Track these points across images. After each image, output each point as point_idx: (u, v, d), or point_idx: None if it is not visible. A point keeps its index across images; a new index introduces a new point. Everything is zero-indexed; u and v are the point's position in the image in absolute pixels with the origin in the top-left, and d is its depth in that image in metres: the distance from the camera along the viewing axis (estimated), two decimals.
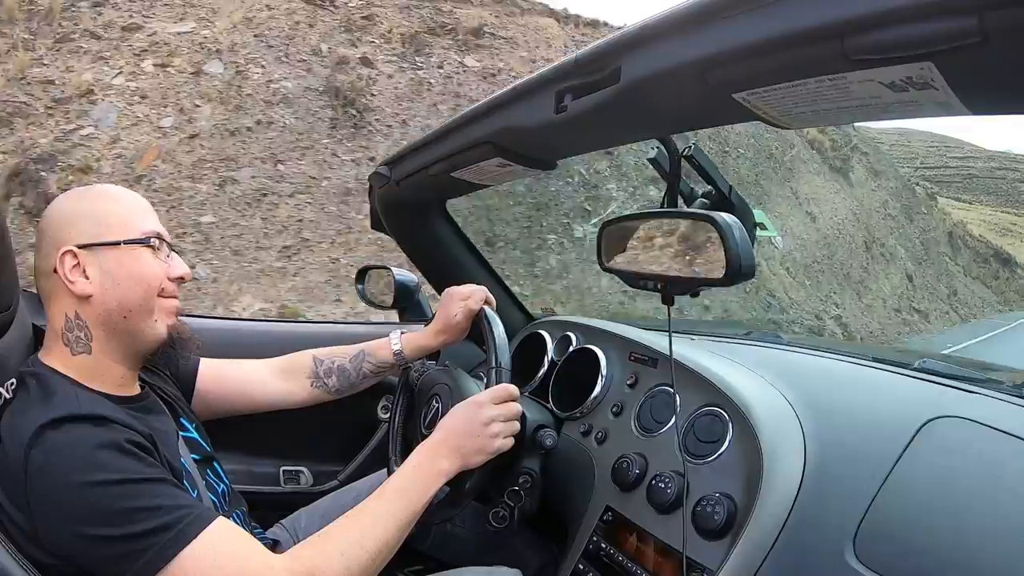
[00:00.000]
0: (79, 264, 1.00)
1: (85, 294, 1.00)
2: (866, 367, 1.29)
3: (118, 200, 1.06)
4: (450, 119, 1.24)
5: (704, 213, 0.91)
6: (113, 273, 1.01)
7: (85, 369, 1.01)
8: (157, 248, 1.07)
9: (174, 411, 1.18)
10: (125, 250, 1.03)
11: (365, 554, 0.95)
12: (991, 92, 0.61)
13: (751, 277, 0.88)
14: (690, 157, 1.08)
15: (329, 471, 1.91)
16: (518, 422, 1.17)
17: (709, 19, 0.67)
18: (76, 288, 0.99)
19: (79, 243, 1.00)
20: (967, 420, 0.99)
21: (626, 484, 1.21)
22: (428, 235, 1.85)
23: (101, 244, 1.01)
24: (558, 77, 0.92)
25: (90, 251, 1.00)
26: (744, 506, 1.01)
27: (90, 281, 1.00)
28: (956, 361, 1.29)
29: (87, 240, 1.01)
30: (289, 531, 1.45)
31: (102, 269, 1.01)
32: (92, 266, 1.00)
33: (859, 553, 0.89)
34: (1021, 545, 0.81)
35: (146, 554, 0.83)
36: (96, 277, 1.01)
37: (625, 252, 1.05)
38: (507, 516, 1.31)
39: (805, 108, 0.72)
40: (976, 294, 26.12)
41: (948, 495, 0.91)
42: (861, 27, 0.55)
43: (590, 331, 1.66)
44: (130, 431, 0.92)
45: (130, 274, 1.03)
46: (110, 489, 0.85)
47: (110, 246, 1.02)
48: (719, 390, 1.19)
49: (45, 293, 1.03)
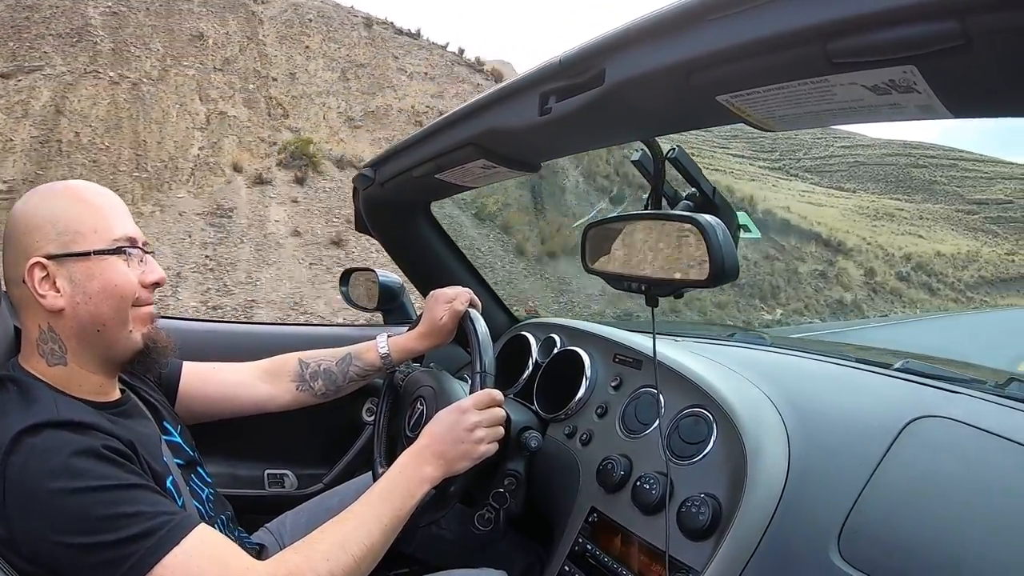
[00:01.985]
0: (49, 275, 0.97)
1: (56, 308, 0.97)
2: (849, 367, 1.29)
3: (87, 200, 1.02)
4: (435, 121, 1.24)
5: (688, 215, 0.91)
6: (84, 286, 0.98)
7: (62, 378, 0.99)
8: (129, 255, 1.03)
9: (157, 415, 1.17)
10: (96, 260, 0.99)
11: (350, 559, 0.95)
12: (973, 95, 0.61)
13: (735, 278, 0.88)
14: (674, 159, 1.08)
15: (314, 474, 1.90)
16: (502, 427, 1.17)
17: (693, 22, 0.67)
18: (47, 303, 0.97)
19: (47, 253, 0.97)
20: (950, 420, 1.00)
21: (611, 485, 1.21)
22: (412, 237, 1.85)
23: (71, 255, 0.98)
24: (542, 79, 0.92)
25: (59, 263, 0.97)
26: (729, 506, 1.01)
27: (60, 294, 0.97)
28: (939, 361, 1.30)
29: (55, 250, 0.97)
30: (274, 535, 1.44)
31: (72, 281, 0.98)
32: (62, 278, 0.97)
33: (844, 552, 0.89)
34: (1004, 543, 0.82)
35: (127, 561, 0.82)
36: (67, 289, 0.98)
37: (609, 254, 1.05)
38: (492, 518, 1.31)
39: (788, 111, 0.72)
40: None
41: (932, 494, 0.91)
42: (844, 30, 0.56)
43: (574, 333, 1.66)
44: (110, 437, 0.90)
45: (102, 287, 1.00)
46: (89, 496, 0.83)
47: (80, 257, 0.99)
48: (703, 391, 1.19)
49: (16, 302, 1.01)
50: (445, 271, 1.91)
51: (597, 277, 1.08)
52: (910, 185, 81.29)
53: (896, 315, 29.01)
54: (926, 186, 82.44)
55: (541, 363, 1.66)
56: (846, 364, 1.32)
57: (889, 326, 22.27)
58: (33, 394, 0.93)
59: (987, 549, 0.82)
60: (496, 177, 1.32)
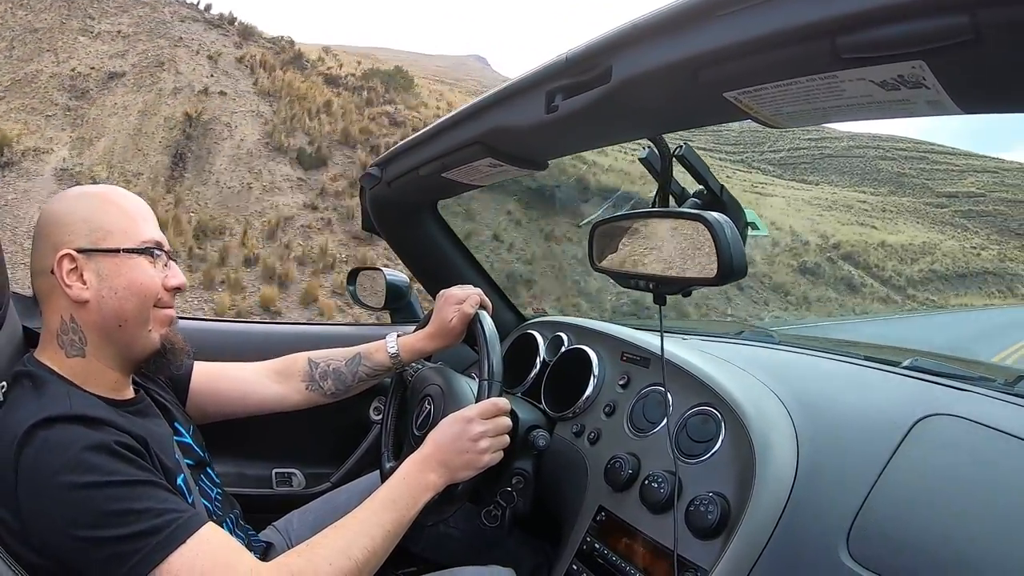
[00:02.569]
0: (77, 268, 1.00)
1: (81, 299, 1.00)
2: (858, 366, 1.29)
3: (119, 204, 1.06)
4: (441, 119, 1.24)
5: (696, 212, 0.91)
6: (110, 281, 1.01)
7: (79, 371, 1.01)
8: (155, 257, 1.07)
9: (169, 416, 1.18)
10: (124, 258, 1.03)
11: (352, 564, 0.96)
12: (983, 90, 0.60)
13: (743, 276, 0.88)
14: (681, 156, 1.08)
15: (321, 473, 1.91)
16: (508, 436, 1.18)
17: (701, 18, 0.67)
18: (73, 293, 0.99)
19: (78, 247, 1.00)
20: (959, 418, 0.99)
21: (619, 484, 1.21)
22: (419, 236, 1.85)
23: (100, 250, 1.01)
24: (549, 77, 0.92)
25: (88, 256, 1.00)
26: (737, 505, 1.01)
27: (87, 287, 1.00)
28: (948, 359, 1.29)
29: (86, 244, 1.00)
30: (282, 533, 1.45)
31: (100, 275, 1.01)
32: (90, 271, 1.00)
33: (853, 551, 0.89)
34: (1013, 541, 0.81)
35: (134, 557, 0.83)
36: (93, 283, 1.00)
37: (617, 252, 1.05)
38: (499, 516, 1.30)
39: (796, 107, 0.72)
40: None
41: (941, 492, 0.91)
42: (853, 25, 0.55)
43: (581, 331, 1.66)
44: (122, 433, 0.92)
45: (127, 284, 1.02)
46: (99, 491, 0.84)
47: (109, 253, 1.02)
48: (711, 390, 1.19)
49: (41, 292, 1.03)
50: (452, 270, 1.90)
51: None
52: (877, 178, 79.54)
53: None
54: (894, 179, 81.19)
55: (549, 362, 1.65)
56: (854, 362, 1.31)
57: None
58: (47, 388, 0.95)
59: (996, 547, 0.81)
60: (503, 175, 1.32)
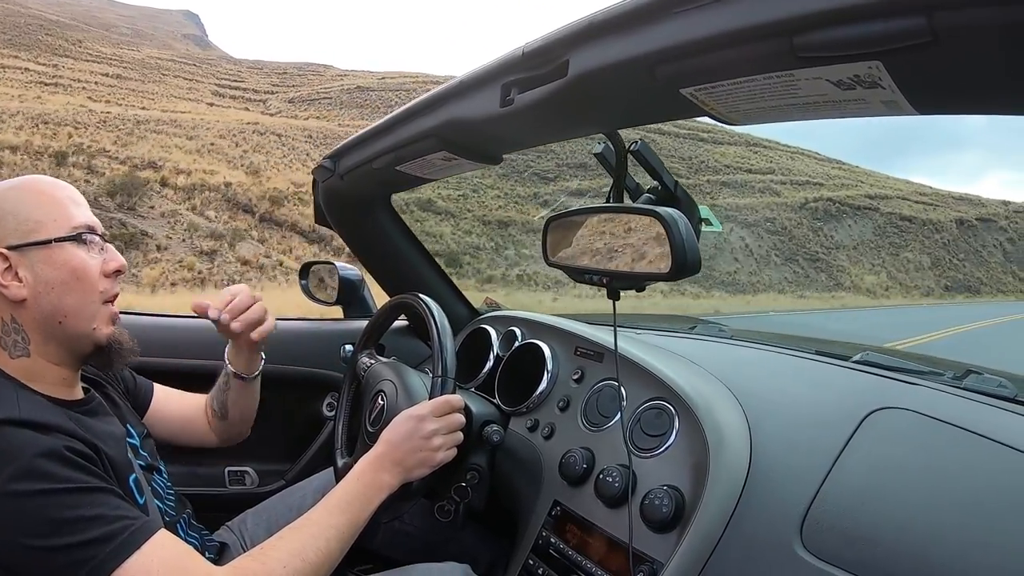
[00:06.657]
0: (11, 266, 0.97)
1: (19, 298, 0.98)
2: (809, 360, 1.31)
3: (46, 192, 1.03)
4: (395, 111, 1.22)
5: (650, 208, 0.91)
6: (46, 275, 0.99)
7: (25, 371, 0.99)
8: (89, 242, 1.03)
9: (120, 414, 1.15)
10: (56, 248, 1.00)
11: (307, 566, 0.95)
12: (938, 92, 0.61)
13: (697, 271, 0.88)
14: (636, 152, 1.08)
15: (275, 470, 1.88)
16: (461, 433, 1.18)
17: (658, 14, 0.67)
18: (9, 293, 0.97)
19: (8, 244, 0.97)
20: (909, 411, 1.02)
21: (573, 478, 1.21)
22: (372, 229, 1.82)
23: (31, 244, 0.98)
24: (504, 70, 0.92)
25: (21, 252, 0.98)
26: (691, 498, 1.02)
27: (23, 284, 0.98)
28: (897, 354, 1.32)
29: (16, 240, 0.98)
30: (236, 533, 1.42)
31: (34, 271, 0.98)
32: (24, 268, 0.98)
33: (807, 542, 0.90)
34: (963, 530, 0.83)
35: (87, 565, 0.81)
36: (29, 280, 0.98)
37: (571, 247, 1.05)
38: (452, 510, 1.30)
39: (752, 104, 0.72)
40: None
41: (892, 484, 0.93)
42: (810, 24, 0.55)
43: (535, 326, 1.66)
44: (72, 439, 0.89)
45: (64, 276, 1.00)
46: (50, 498, 0.82)
47: (41, 245, 0.99)
48: (664, 384, 1.20)
49: None
50: (405, 264, 1.89)
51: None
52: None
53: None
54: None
55: (502, 356, 1.65)
56: (806, 356, 1.34)
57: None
58: None
59: (947, 536, 0.84)
60: (457, 169, 1.31)
